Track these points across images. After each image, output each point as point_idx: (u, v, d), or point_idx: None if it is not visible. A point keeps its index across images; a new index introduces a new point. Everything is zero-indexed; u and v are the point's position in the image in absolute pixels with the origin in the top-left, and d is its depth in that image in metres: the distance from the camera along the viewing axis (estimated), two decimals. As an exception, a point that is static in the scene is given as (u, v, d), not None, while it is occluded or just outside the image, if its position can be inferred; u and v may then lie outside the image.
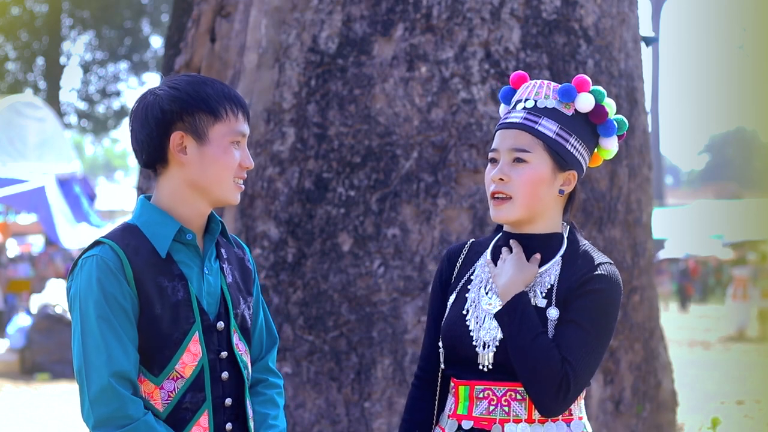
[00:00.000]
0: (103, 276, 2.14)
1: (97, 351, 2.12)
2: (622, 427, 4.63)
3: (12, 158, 12.73)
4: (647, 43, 6.25)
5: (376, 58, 4.35)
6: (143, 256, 2.19)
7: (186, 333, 2.21)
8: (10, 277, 16.33)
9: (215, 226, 2.32)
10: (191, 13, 4.75)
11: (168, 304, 2.19)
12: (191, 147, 2.22)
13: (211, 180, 2.23)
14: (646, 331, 4.85)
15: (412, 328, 4.24)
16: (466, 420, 2.34)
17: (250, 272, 2.42)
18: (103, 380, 2.11)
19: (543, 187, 2.34)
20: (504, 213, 2.36)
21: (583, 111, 2.36)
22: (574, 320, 2.26)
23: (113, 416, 2.10)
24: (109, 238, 2.22)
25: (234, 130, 2.24)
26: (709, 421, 5.65)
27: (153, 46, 28.32)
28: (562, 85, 2.38)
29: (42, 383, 11.10)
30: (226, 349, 2.28)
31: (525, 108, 2.38)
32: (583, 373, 2.24)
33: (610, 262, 2.35)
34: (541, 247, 2.37)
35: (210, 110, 2.22)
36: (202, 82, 2.26)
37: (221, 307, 2.28)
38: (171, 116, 2.21)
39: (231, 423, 2.28)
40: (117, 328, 2.13)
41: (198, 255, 2.27)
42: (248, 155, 2.29)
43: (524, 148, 2.33)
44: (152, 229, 2.23)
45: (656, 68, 38.94)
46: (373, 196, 4.29)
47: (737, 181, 54.91)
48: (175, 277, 2.22)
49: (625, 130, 2.42)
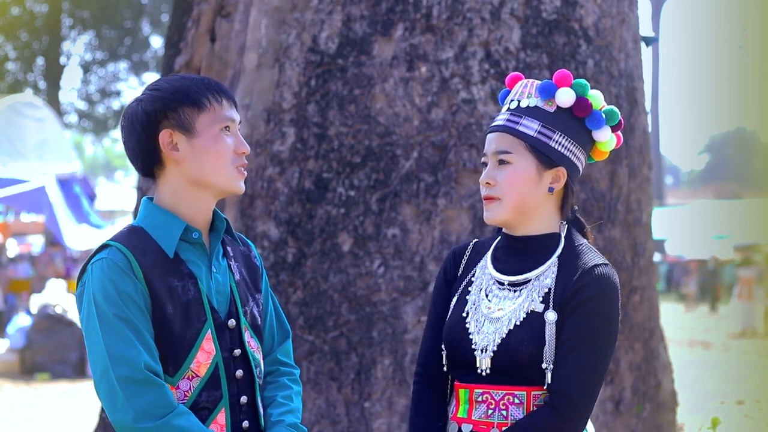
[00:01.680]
0: (115, 276, 2.14)
1: (124, 347, 2.10)
2: (622, 427, 4.63)
3: (12, 158, 12.72)
4: (647, 43, 6.24)
5: (376, 58, 4.35)
6: (151, 257, 2.19)
7: (199, 332, 2.20)
8: (10, 277, 16.32)
9: (220, 224, 2.32)
10: (191, 13, 4.75)
11: (179, 304, 2.19)
12: (182, 142, 2.22)
13: (209, 171, 2.23)
14: (646, 331, 4.85)
15: (412, 328, 4.24)
16: (465, 423, 2.34)
17: (257, 268, 2.42)
18: (136, 373, 2.08)
19: (529, 186, 2.34)
20: (492, 213, 2.37)
21: (565, 106, 2.36)
22: (574, 347, 2.25)
23: (154, 405, 2.08)
24: (115, 240, 2.21)
25: (220, 117, 2.24)
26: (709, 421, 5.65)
27: (153, 46, 28.33)
28: (543, 81, 2.39)
29: (42, 383, 11.09)
30: (238, 346, 2.28)
31: (509, 109, 2.40)
32: (588, 404, 2.26)
33: (605, 263, 2.33)
34: (538, 248, 2.37)
35: (192, 102, 2.22)
36: (182, 78, 2.27)
37: (231, 305, 2.28)
38: (155, 116, 2.22)
39: (248, 421, 2.28)
40: (136, 324, 2.13)
41: (205, 253, 2.27)
42: (242, 140, 2.28)
43: (506, 149, 2.34)
44: (158, 230, 2.22)
45: (656, 68, 38.93)
46: (373, 196, 4.29)
47: (737, 181, 54.91)
48: (184, 276, 2.21)
49: (616, 120, 2.41)
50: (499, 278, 2.38)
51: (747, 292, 18.80)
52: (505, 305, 2.34)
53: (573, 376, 2.24)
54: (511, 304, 2.34)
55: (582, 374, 2.24)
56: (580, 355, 2.25)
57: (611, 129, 2.42)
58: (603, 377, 2.30)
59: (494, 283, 2.39)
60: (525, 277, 2.35)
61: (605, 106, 2.41)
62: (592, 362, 2.26)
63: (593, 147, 2.45)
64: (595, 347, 2.26)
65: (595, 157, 2.48)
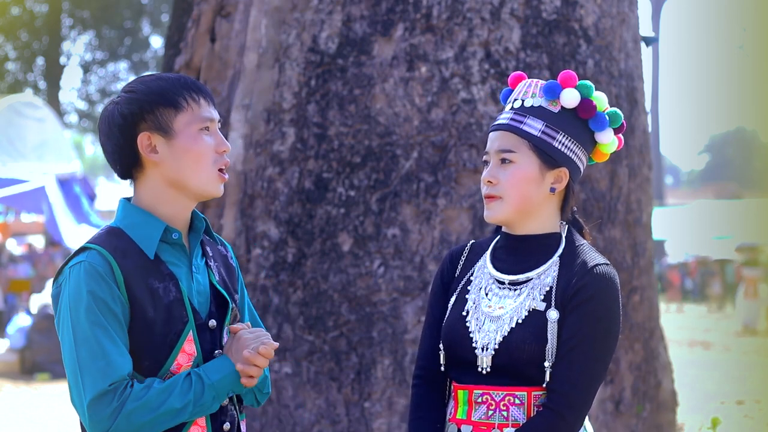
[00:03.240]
0: (92, 282, 2.10)
1: (94, 358, 2.07)
2: (622, 427, 4.63)
3: (12, 158, 12.71)
4: (647, 43, 6.25)
5: (376, 58, 4.35)
6: (132, 258, 2.15)
7: (180, 333, 2.18)
8: (10, 277, 16.32)
9: (199, 224, 2.28)
10: (191, 13, 4.75)
11: (161, 306, 2.16)
12: (160, 144, 2.18)
13: (188, 173, 2.19)
14: (646, 331, 4.85)
15: (412, 328, 4.24)
16: (465, 425, 2.34)
17: (233, 270, 2.39)
18: (102, 386, 2.06)
19: (531, 186, 2.34)
20: (493, 212, 2.36)
21: (569, 107, 2.36)
22: (574, 346, 2.26)
23: (112, 414, 2.06)
24: (95, 242, 2.17)
25: (198, 117, 2.20)
26: (709, 421, 5.65)
27: (153, 46, 28.33)
28: (547, 82, 2.38)
29: (42, 383, 11.09)
30: (219, 347, 2.25)
31: (513, 108, 2.39)
32: (585, 403, 2.27)
33: (606, 263, 2.33)
34: (539, 248, 2.37)
35: (169, 103, 2.18)
36: (157, 78, 2.23)
37: (212, 306, 2.25)
38: (132, 119, 2.18)
39: (228, 423, 2.26)
40: (111, 333, 2.09)
41: (185, 254, 2.24)
42: (222, 139, 2.24)
43: (509, 148, 2.34)
44: (137, 231, 2.19)
45: (656, 68, 38.91)
46: (373, 196, 4.29)
47: (737, 181, 54.91)
48: (165, 277, 2.18)
49: (619, 122, 2.40)
50: (499, 277, 2.38)
51: (753, 291, 19.28)
52: (505, 304, 2.34)
53: (572, 376, 2.24)
54: (512, 302, 2.34)
55: (581, 374, 2.25)
56: (580, 354, 2.25)
57: (614, 131, 2.42)
58: (603, 376, 2.30)
59: (494, 282, 2.38)
60: (526, 276, 2.35)
61: (608, 108, 2.41)
62: (591, 362, 2.26)
63: (594, 148, 2.45)
64: (594, 347, 2.26)
65: (595, 159, 2.47)
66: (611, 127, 2.40)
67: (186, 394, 2.12)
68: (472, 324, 2.35)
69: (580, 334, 2.26)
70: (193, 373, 2.16)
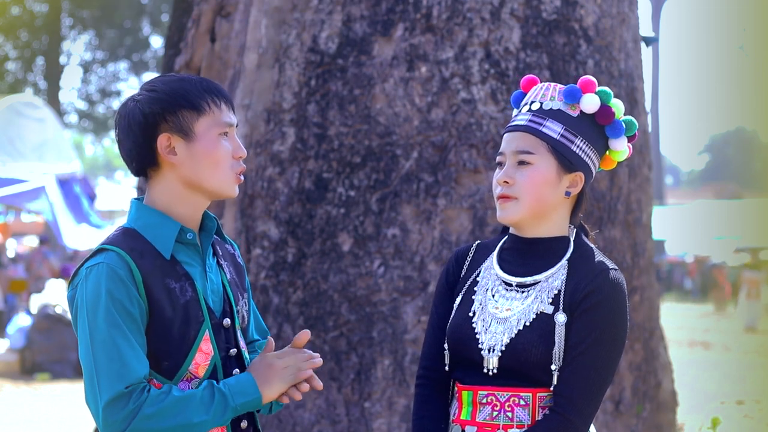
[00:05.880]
0: (111, 284, 2.09)
1: (110, 360, 2.07)
2: (622, 427, 4.63)
3: (12, 158, 12.70)
4: (647, 43, 6.25)
5: (376, 58, 4.35)
6: (149, 259, 2.15)
7: (197, 333, 2.18)
8: (10, 277, 16.32)
9: (210, 224, 2.29)
10: (191, 13, 4.75)
11: (178, 306, 2.16)
12: (180, 146, 2.18)
13: (206, 176, 2.19)
14: (646, 331, 4.85)
15: (412, 328, 4.24)
16: (469, 426, 2.33)
17: (241, 268, 2.40)
18: (118, 388, 2.06)
19: (548, 188, 2.34)
20: (508, 213, 2.35)
21: (589, 112, 2.36)
22: (581, 351, 2.26)
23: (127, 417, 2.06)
24: (112, 243, 2.16)
25: (220, 122, 2.21)
26: (709, 421, 5.65)
27: (153, 46, 28.34)
28: (568, 86, 2.38)
29: (42, 383, 11.09)
30: (234, 346, 2.27)
31: (530, 110, 2.38)
32: (592, 408, 2.28)
33: (615, 268, 2.34)
34: (547, 251, 2.37)
35: (192, 106, 2.18)
36: (180, 80, 2.22)
37: (226, 305, 2.27)
38: (154, 119, 2.17)
39: (246, 420, 2.27)
40: (128, 335, 2.09)
41: (198, 254, 2.25)
42: (240, 145, 2.25)
43: (528, 149, 2.33)
44: (153, 232, 2.18)
45: (656, 68, 38.91)
46: (373, 196, 4.29)
47: (737, 181, 54.92)
48: (181, 277, 2.18)
49: (634, 131, 2.41)
50: (506, 279, 2.37)
51: (755, 292, 19.79)
52: (512, 306, 2.34)
53: (579, 380, 2.25)
54: (519, 305, 2.33)
55: (588, 379, 2.25)
56: (588, 359, 2.25)
57: (627, 139, 2.42)
58: (609, 381, 2.30)
59: (501, 283, 2.38)
60: (534, 279, 2.35)
61: (624, 116, 2.42)
62: (599, 367, 2.26)
63: (604, 156, 2.44)
64: (602, 352, 2.27)
65: (602, 167, 2.47)
66: (626, 135, 2.41)
67: (206, 411, 2.11)
68: (478, 325, 2.34)
69: (588, 339, 2.26)
70: (217, 390, 2.15)
